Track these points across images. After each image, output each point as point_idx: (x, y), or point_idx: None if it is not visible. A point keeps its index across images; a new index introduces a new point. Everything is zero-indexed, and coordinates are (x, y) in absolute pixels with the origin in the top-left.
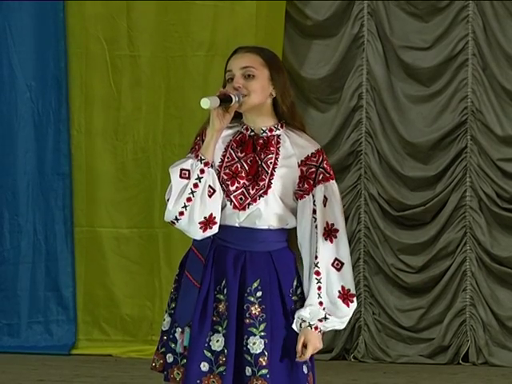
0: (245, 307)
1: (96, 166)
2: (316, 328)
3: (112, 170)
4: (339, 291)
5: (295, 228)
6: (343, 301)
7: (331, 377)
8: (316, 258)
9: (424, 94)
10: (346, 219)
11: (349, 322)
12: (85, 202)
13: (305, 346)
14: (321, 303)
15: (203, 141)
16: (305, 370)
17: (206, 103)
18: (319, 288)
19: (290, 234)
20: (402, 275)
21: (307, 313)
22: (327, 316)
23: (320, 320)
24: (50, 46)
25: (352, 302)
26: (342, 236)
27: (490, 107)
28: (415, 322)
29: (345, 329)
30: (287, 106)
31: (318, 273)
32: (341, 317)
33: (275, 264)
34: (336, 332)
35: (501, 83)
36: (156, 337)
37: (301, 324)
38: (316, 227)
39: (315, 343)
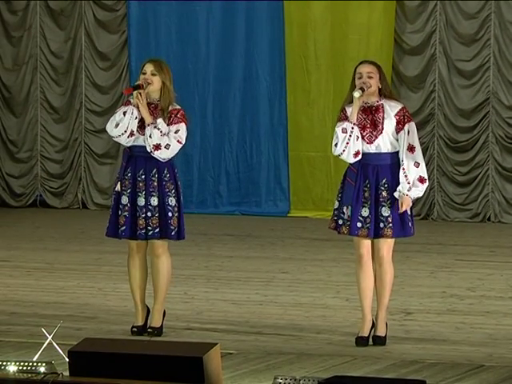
0: (379, 192)
1: (300, 120)
2: (406, 195)
3: (309, 121)
4: (417, 178)
5: None
6: (420, 181)
7: (421, 231)
8: (402, 161)
9: (467, 84)
10: (427, 150)
11: (428, 199)
12: (295, 138)
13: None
14: (408, 182)
15: (344, 114)
16: (410, 224)
17: (357, 94)
18: (406, 176)
19: (398, 155)
20: (456, 176)
21: (401, 188)
22: (410, 188)
23: (408, 190)
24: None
25: (425, 182)
26: (419, 150)
27: (502, 91)
28: (463, 200)
29: (426, 203)
30: (386, 91)
31: (403, 169)
32: (419, 190)
33: (392, 171)
34: (423, 204)
35: (510, 81)
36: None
37: (399, 195)
38: (404, 145)
39: (408, 203)
